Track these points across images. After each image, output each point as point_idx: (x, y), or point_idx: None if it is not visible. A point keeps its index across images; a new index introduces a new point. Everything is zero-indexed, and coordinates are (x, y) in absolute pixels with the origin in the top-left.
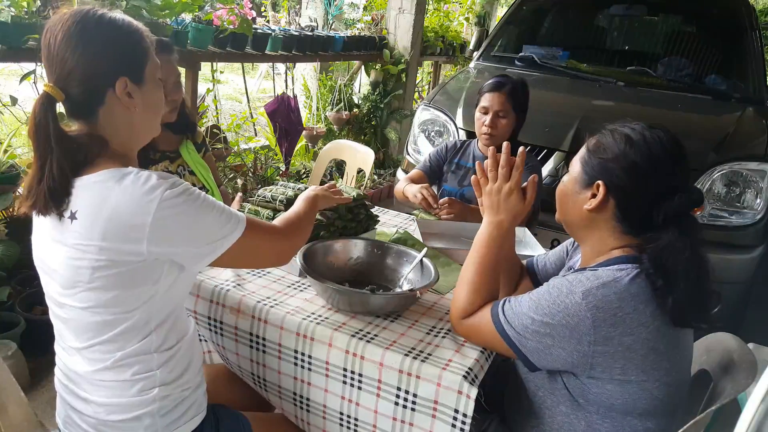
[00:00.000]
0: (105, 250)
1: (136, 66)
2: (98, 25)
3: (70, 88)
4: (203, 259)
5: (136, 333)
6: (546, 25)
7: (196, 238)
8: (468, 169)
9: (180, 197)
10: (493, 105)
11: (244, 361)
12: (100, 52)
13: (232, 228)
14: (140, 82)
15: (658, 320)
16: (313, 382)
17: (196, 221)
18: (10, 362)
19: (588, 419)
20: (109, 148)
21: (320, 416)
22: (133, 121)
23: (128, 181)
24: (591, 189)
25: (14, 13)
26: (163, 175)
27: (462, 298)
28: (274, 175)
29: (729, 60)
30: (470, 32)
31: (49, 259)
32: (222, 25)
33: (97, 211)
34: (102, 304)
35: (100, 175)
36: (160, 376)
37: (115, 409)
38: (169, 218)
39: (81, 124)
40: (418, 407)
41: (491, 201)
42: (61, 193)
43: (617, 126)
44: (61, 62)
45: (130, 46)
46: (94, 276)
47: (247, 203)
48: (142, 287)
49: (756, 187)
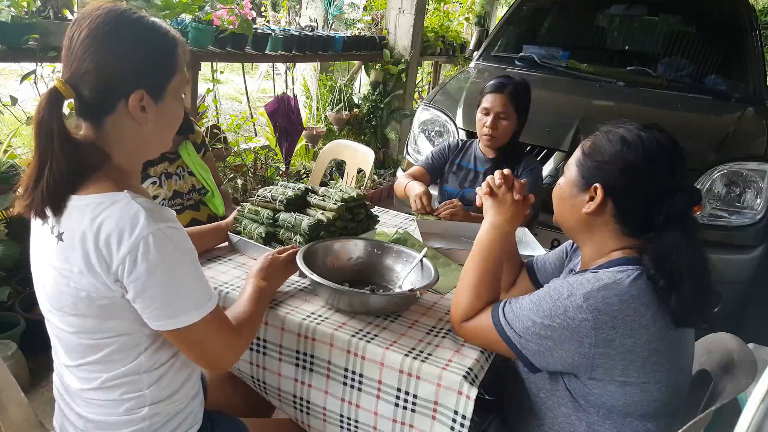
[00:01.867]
0: (84, 275)
1: (159, 80)
2: (130, 29)
3: (82, 89)
4: (160, 320)
5: (124, 356)
6: (546, 25)
7: (165, 296)
8: (469, 170)
9: (166, 245)
10: (494, 106)
11: (243, 364)
12: (122, 57)
13: (203, 301)
14: (159, 97)
15: (659, 322)
16: (314, 383)
17: (172, 277)
18: (10, 362)
19: (589, 420)
20: (110, 163)
21: (320, 419)
22: (142, 135)
23: (116, 209)
24: (588, 192)
25: (14, 13)
26: (155, 210)
27: (463, 301)
28: (274, 175)
29: (729, 60)
30: (470, 32)
31: (41, 275)
32: (222, 25)
33: (80, 235)
34: (87, 330)
35: (93, 199)
36: (150, 395)
37: (103, 426)
38: (144, 258)
39: (87, 127)
40: (418, 408)
41: (493, 202)
42: (57, 198)
43: (611, 127)
44: (80, 60)
45: (158, 57)
46: (78, 305)
47: (247, 203)
48: (127, 318)
49: (756, 187)
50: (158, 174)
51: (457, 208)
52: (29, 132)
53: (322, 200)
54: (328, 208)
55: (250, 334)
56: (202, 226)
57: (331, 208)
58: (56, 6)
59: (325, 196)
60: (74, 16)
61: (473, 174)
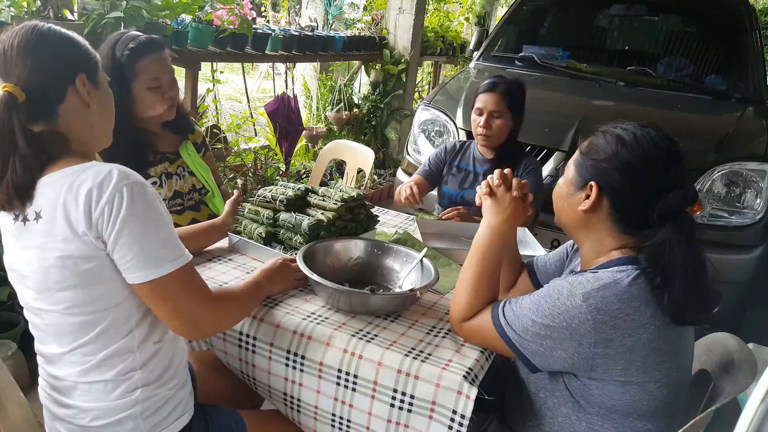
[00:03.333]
0: (68, 240)
1: (91, 67)
2: (51, 32)
3: (31, 87)
4: (135, 272)
5: (117, 330)
6: (546, 25)
7: (139, 244)
8: (468, 171)
9: (139, 198)
10: (487, 105)
11: (232, 359)
12: (58, 52)
13: (176, 256)
14: (95, 83)
15: (658, 321)
16: (305, 383)
17: (146, 228)
18: (10, 362)
19: (589, 420)
20: (70, 147)
21: (311, 417)
22: (91, 120)
23: (90, 172)
24: (585, 190)
25: (14, 13)
26: (127, 172)
27: (462, 301)
28: (274, 175)
29: (729, 60)
30: (470, 32)
31: (19, 266)
32: (222, 25)
33: (59, 202)
34: (78, 304)
35: (64, 171)
36: (141, 376)
37: (97, 414)
38: (120, 207)
39: (42, 125)
40: (415, 408)
41: (492, 201)
42: (24, 188)
43: (609, 127)
44: (22, 64)
45: (83, 49)
46: (65, 274)
47: (247, 203)
48: (113, 282)
49: (756, 187)
50: (158, 174)
51: (462, 214)
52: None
53: (322, 200)
54: (328, 208)
55: (233, 309)
56: (195, 225)
57: (331, 208)
58: (56, 6)
59: (325, 196)
60: (74, 16)
61: (473, 175)
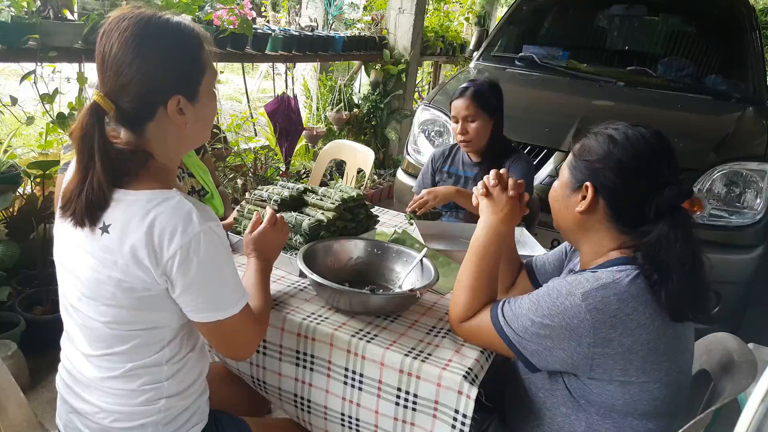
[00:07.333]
0: (129, 270)
1: (192, 82)
2: (159, 37)
3: (122, 102)
4: (202, 313)
5: (149, 348)
6: (546, 25)
7: (209, 290)
8: (459, 176)
9: (212, 244)
10: (460, 111)
11: (243, 364)
12: (157, 68)
13: (239, 297)
14: (194, 98)
15: (658, 320)
16: (314, 383)
17: (216, 273)
18: (10, 362)
19: (588, 420)
20: (153, 162)
21: (322, 417)
22: (182, 135)
23: (167, 206)
24: (580, 192)
25: (14, 13)
26: (204, 209)
27: (461, 302)
28: (274, 175)
29: (729, 60)
30: (470, 32)
31: (73, 264)
32: (222, 25)
33: (129, 229)
34: (122, 321)
35: (142, 195)
36: (168, 387)
37: (119, 417)
38: (195, 254)
39: (127, 134)
40: (419, 407)
41: (488, 202)
42: (98, 208)
43: (600, 128)
44: (116, 75)
45: (188, 60)
46: (117, 295)
47: (247, 203)
48: (165, 312)
49: (756, 187)
50: None
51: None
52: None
53: (320, 200)
54: (326, 207)
55: (267, 321)
56: None
57: (329, 208)
58: (56, 6)
59: (324, 196)
60: (74, 16)
61: (463, 179)
